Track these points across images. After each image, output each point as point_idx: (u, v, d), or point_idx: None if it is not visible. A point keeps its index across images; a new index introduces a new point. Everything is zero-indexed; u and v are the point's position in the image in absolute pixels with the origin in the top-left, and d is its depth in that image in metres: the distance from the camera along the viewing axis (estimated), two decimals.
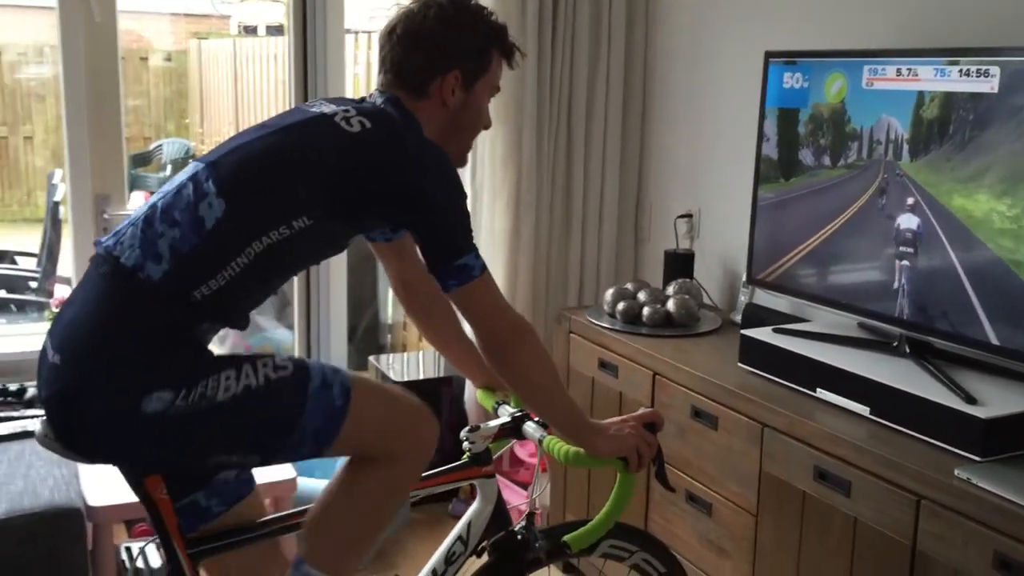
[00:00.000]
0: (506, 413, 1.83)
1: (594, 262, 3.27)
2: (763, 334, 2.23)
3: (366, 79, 4.50)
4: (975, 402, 1.78)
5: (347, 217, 1.58)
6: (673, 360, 2.35)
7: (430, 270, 1.57)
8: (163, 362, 1.46)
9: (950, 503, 1.65)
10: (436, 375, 3.39)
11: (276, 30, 7.53)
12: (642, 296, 2.68)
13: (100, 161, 2.94)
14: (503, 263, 3.12)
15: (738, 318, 2.65)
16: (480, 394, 1.97)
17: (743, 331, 2.28)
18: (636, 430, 1.67)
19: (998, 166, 1.82)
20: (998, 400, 1.80)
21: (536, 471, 1.89)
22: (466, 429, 1.78)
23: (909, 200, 2.00)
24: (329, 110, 1.59)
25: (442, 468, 1.78)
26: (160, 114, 8.09)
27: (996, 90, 1.83)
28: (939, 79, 1.93)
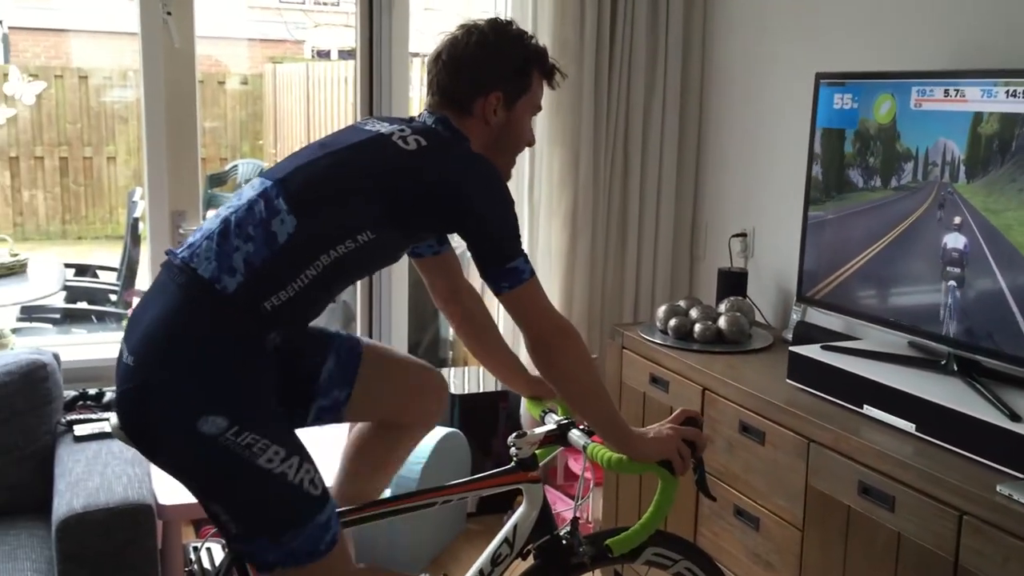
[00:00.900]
0: (552, 421, 1.89)
1: (649, 280, 3.31)
2: (811, 351, 2.25)
3: None
4: (1020, 420, 1.78)
5: (406, 228, 1.68)
6: (723, 376, 2.38)
7: (482, 275, 1.66)
8: (227, 386, 1.55)
9: (992, 519, 1.66)
10: (495, 390, 3.46)
11: (348, 54, 7.74)
12: (694, 313, 2.72)
13: (177, 179, 3.08)
14: (559, 281, 3.18)
15: (790, 336, 2.67)
16: (528, 403, 2.04)
17: (791, 348, 2.30)
18: (675, 431, 1.73)
19: None
20: None
21: (581, 477, 1.94)
22: (513, 435, 1.84)
23: (956, 219, 2.02)
24: (386, 130, 1.69)
25: (489, 472, 1.85)
26: (236, 135, 8.34)
27: None
28: (986, 100, 1.95)
